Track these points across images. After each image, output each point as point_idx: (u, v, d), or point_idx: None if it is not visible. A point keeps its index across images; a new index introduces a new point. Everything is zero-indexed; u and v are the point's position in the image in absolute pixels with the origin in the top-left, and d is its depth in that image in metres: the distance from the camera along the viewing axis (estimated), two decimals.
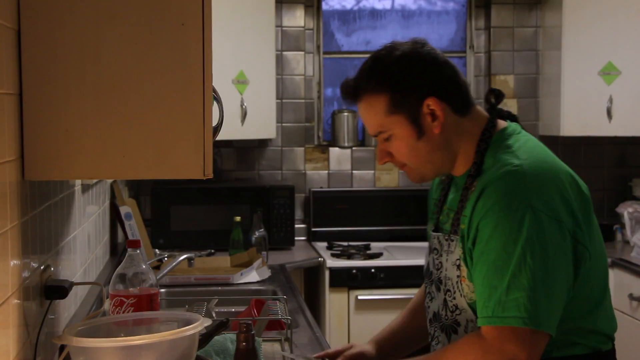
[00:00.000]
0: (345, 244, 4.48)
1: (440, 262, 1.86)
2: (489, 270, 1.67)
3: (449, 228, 1.83)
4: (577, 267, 1.70)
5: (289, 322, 2.27)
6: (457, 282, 1.78)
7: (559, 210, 1.67)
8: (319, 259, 4.20)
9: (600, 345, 1.79)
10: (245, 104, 4.21)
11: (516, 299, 1.63)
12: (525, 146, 1.78)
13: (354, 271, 4.06)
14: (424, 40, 1.85)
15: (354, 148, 4.78)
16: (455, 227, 1.80)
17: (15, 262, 1.53)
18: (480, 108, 1.88)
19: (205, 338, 1.92)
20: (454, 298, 1.80)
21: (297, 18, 4.74)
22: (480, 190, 1.72)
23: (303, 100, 4.77)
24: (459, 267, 1.78)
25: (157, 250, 3.96)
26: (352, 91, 1.86)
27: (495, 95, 1.88)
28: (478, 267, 1.70)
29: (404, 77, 1.79)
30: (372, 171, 4.81)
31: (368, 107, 1.83)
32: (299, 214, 4.74)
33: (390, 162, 1.88)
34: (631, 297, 3.79)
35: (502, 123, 1.86)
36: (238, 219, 3.92)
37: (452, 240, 1.80)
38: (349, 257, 4.19)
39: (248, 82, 4.24)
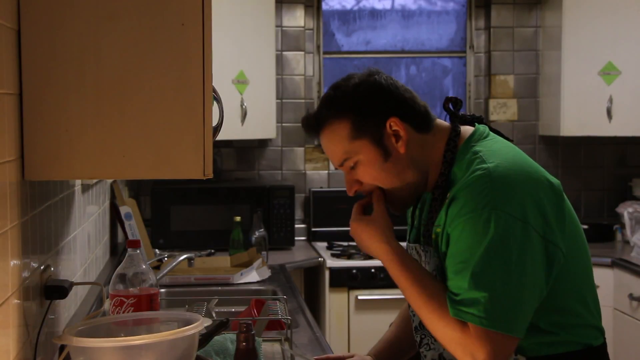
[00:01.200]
0: (345, 244, 4.47)
1: None
2: (454, 272, 1.69)
3: (423, 239, 1.85)
4: (550, 266, 1.70)
5: (289, 322, 2.27)
6: None
7: (526, 210, 1.66)
8: (319, 259, 4.20)
9: (591, 341, 1.79)
10: (245, 104, 4.21)
11: (477, 298, 1.64)
12: (493, 149, 1.77)
13: (354, 271, 4.06)
14: (378, 70, 1.86)
15: None
16: (427, 239, 1.82)
17: (15, 262, 1.53)
18: (441, 120, 1.88)
19: (205, 338, 1.92)
20: None
21: (297, 18, 4.74)
22: (451, 199, 1.73)
23: (303, 100, 4.77)
24: (435, 277, 1.79)
25: (157, 250, 3.96)
26: (314, 122, 1.86)
27: (452, 103, 1.89)
28: (447, 269, 1.72)
29: (365, 100, 1.80)
30: None
31: (331, 135, 1.83)
32: (299, 214, 4.74)
33: (360, 190, 1.87)
34: (631, 297, 3.79)
35: (467, 129, 1.85)
36: (238, 219, 3.92)
37: (427, 252, 1.82)
38: (349, 257, 4.19)
39: (248, 82, 4.24)
